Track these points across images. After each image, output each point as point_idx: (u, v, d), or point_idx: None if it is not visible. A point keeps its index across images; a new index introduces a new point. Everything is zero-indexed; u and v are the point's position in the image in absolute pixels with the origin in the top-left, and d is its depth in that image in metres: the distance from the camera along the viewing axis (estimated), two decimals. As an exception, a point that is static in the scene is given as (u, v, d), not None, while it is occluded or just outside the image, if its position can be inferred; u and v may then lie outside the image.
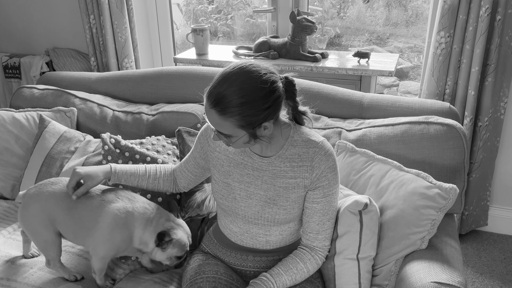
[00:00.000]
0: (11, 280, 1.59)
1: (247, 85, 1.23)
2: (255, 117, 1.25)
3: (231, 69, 1.26)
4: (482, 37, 2.12)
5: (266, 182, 1.40)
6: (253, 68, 1.25)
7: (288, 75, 1.34)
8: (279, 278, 1.38)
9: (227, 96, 1.23)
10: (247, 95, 1.22)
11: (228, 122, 1.25)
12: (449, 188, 1.43)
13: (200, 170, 1.58)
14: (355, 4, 4.24)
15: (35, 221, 1.54)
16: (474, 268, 2.37)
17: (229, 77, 1.24)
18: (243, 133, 1.28)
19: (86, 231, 1.51)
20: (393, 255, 1.47)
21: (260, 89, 1.23)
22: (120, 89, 2.32)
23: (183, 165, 1.60)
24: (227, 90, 1.23)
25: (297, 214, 1.43)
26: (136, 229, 1.50)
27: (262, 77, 1.24)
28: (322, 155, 1.36)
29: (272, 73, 1.27)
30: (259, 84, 1.23)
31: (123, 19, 2.71)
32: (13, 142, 2.13)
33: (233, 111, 1.23)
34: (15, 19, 3.19)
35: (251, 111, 1.24)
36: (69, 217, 1.52)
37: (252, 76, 1.24)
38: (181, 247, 1.50)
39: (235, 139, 1.30)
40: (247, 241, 1.48)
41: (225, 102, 1.23)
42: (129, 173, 1.57)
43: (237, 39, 4.18)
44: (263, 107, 1.25)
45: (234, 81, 1.23)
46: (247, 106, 1.23)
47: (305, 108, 1.41)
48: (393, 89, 4.20)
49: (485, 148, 2.38)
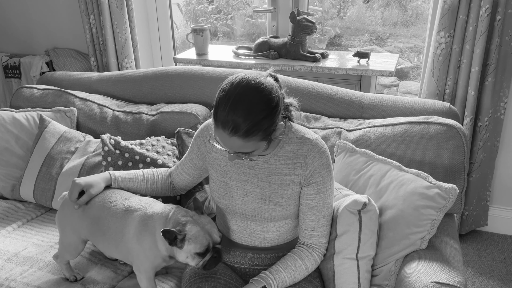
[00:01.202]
0: (11, 280, 1.59)
1: (259, 102, 1.23)
2: (272, 125, 1.27)
3: (233, 88, 1.24)
4: (482, 37, 2.12)
5: (262, 180, 1.41)
6: (254, 81, 1.25)
7: (271, 71, 1.35)
8: (278, 275, 1.39)
9: (245, 121, 1.22)
10: (263, 110, 1.23)
11: (251, 142, 1.26)
12: (449, 188, 1.43)
13: (198, 172, 1.58)
14: (355, 4, 4.24)
15: (66, 223, 1.56)
16: (474, 268, 2.37)
17: (237, 100, 1.22)
18: (264, 143, 1.30)
19: (113, 242, 1.48)
20: (393, 255, 1.47)
21: (271, 100, 1.25)
22: (120, 89, 2.32)
23: (179, 168, 1.61)
24: (242, 114, 1.21)
25: (293, 211, 1.44)
26: (157, 231, 1.41)
27: (266, 87, 1.25)
28: (315, 152, 1.37)
29: (264, 76, 1.29)
30: (268, 96, 1.24)
31: (123, 19, 2.71)
32: (13, 142, 2.13)
33: (254, 130, 1.23)
34: (15, 19, 3.19)
35: (270, 122, 1.25)
36: (97, 229, 1.50)
37: (259, 90, 1.24)
38: (198, 242, 1.36)
39: (257, 152, 1.31)
40: (245, 239, 1.49)
41: (245, 126, 1.22)
42: (128, 179, 1.57)
43: (237, 39, 4.17)
44: (277, 113, 1.27)
45: (244, 102, 1.22)
46: (266, 121, 1.24)
47: (290, 100, 1.40)
48: (393, 89, 4.20)
49: (485, 148, 2.38)
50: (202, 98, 2.14)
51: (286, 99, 1.39)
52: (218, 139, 1.29)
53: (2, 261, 1.68)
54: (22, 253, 1.72)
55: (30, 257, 1.70)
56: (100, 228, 1.50)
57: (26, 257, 1.71)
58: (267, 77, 1.29)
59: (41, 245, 1.78)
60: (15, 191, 2.09)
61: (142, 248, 1.43)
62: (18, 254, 1.72)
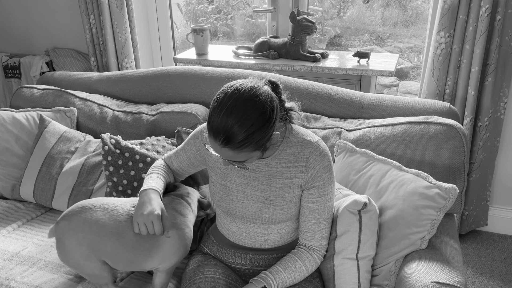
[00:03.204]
0: (10, 279, 1.59)
1: (251, 114, 1.21)
2: (266, 136, 1.25)
3: (226, 100, 1.22)
4: (482, 37, 2.12)
5: (262, 183, 1.41)
6: (248, 92, 1.22)
7: (270, 78, 1.33)
8: (278, 276, 1.38)
9: (236, 133, 1.20)
10: (255, 124, 1.21)
11: (243, 153, 1.25)
12: (449, 188, 1.43)
13: (195, 168, 1.59)
14: (355, 4, 4.24)
15: (76, 256, 1.42)
16: (474, 268, 2.37)
17: (229, 111, 1.20)
18: (257, 153, 1.29)
19: (145, 253, 1.42)
20: (393, 255, 1.47)
21: (264, 113, 1.22)
22: (120, 89, 2.32)
23: (175, 163, 1.60)
24: (234, 126, 1.20)
25: (294, 214, 1.44)
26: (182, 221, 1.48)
27: (260, 99, 1.22)
28: (317, 155, 1.37)
29: (260, 86, 1.26)
30: (262, 109, 1.22)
31: (123, 19, 2.71)
32: (13, 142, 2.13)
33: (245, 143, 1.22)
34: (15, 19, 3.19)
35: (262, 135, 1.24)
36: (119, 245, 1.40)
37: (252, 103, 1.21)
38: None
39: (250, 160, 1.30)
40: (246, 241, 1.49)
41: (237, 138, 1.21)
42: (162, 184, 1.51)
43: (237, 39, 4.17)
44: (271, 125, 1.25)
45: (236, 115, 1.20)
46: (258, 133, 1.22)
47: (291, 104, 1.40)
48: (393, 89, 4.20)
49: (485, 148, 2.38)
50: (202, 98, 2.14)
51: (287, 103, 1.38)
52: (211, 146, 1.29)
53: (2, 261, 1.68)
54: (22, 253, 1.72)
55: (30, 257, 1.70)
56: (127, 243, 1.40)
57: (26, 256, 1.71)
58: (264, 86, 1.27)
59: (41, 245, 1.78)
60: (15, 191, 2.09)
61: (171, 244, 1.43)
62: (18, 254, 1.72)
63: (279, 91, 1.34)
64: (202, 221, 1.77)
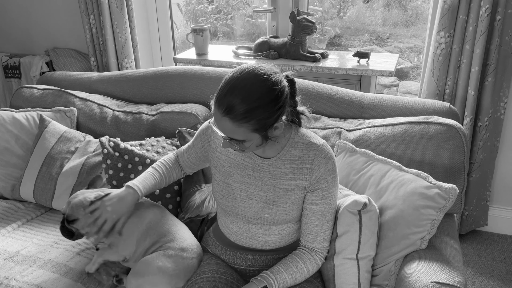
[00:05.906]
0: (10, 278, 1.59)
1: (258, 89, 1.22)
2: (268, 119, 1.25)
3: (238, 74, 1.25)
4: (482, 37, 2.12)
5: (266, 183, 1.41)
6: (260, 70, 1.25)
7: (288, 74, 1.34)
8: (280, 276, 1.38)
9: (240, 103, 1.21)
10: (259, 99, 1.22)
11: (242, 128, 1.24)
12: (449, 188, 1.43)
13: (203, 162, 1.60)
14: (355, 4, 4.24)
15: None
16: (474, 268, 2.37)
17: (238, 83, 1.23)
18: (256, 136, 1.28)
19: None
20: (393, 255, 1.47)
21: (271, 91, 1.23)
22: (120, 89, 2.32)
23: (185, 156, 1.62)
24: (239, 97, 1.21)
25: (296, 215, 1.43)
26: None
27: (271, 79, 1.24)
28: (322, 158, 1.37)
29: (277, 73, 1.28)
30: (269, 87, 1.23)
31: (123, 19, 2.71)
32: (13, 142, 2.13)
33: (247, 116, 1.22)
34: (15, 19, 3.19)
35: (265, 114, 1.23)
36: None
37: (261, 79, 1.23)
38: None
39: (248, 143, 1.29)
40: (247, 241, 1.48)
41: (239, 109, 1.21)
42: (151, 186, 1.54)
43: (237, 39, 4.17)
44: (275, 108, 1.25)
45: (244, 86, 1.22)
46: (260, 110, 1.22)
47: (303, 108, 1.41)
48: (393, 89, 4.20)
49: (485, 148, 2.38)
50: (202, 98, 2.14)
51: (299, 107, 1.39)
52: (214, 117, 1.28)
53: (2, 260, 1.68)
54: (21, 252, 1.72)
55: (30, 256, 1.70)
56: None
57: (26, 256, 1.71)
58: (279, 74, 1.28)
59: (40, 245, 1.78)
60: (15, 191, 2.09)
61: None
62: (17, 253, 1.72)
63: (294, 88, 1.34)
64: (202, 221, 1.77)
